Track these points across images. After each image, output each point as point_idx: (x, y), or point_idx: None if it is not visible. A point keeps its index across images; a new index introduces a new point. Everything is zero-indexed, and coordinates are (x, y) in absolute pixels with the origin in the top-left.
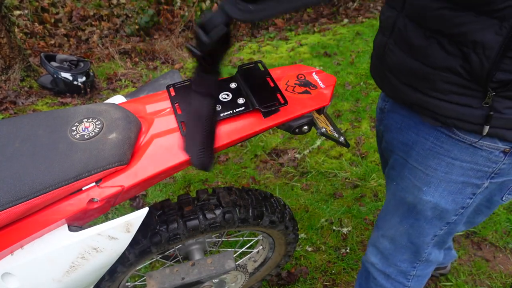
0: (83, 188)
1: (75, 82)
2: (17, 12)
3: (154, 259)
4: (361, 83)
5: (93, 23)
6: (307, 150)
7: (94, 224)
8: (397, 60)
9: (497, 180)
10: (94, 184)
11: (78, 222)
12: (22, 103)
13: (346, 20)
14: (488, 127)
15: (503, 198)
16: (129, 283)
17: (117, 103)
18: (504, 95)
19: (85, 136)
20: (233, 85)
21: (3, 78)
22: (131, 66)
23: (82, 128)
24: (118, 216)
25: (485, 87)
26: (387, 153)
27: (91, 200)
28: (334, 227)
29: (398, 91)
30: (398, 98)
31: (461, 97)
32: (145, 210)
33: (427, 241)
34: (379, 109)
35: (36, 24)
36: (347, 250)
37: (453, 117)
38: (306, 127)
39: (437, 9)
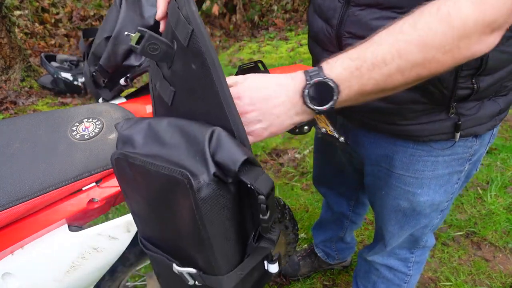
0: (83, 188)
1: (75, 82)
2: (17, 12)
3: None
4: None
5: (93, 23)
6: (307, 150)
7: (94, 224)
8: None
9: (473, 160)
10: (94, 184)
11: (78, 222)
12: (23, 103)
13: None
14: (459, 133)
15: (477, 169)
16: (129, 283)
17: (117, 103)
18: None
19: (85, 136)
20: None
21: (3, 78)
22: None
23: (82, 128)
24: (118, 216)
25: (447, 105)
26: (359, 163)
27: (91, 200)
28: None
29: (367, 125)
30: (368, 128)
31: (429, 116)
32: None
33: (426, 231)
34: (339, 125)
35: (37, 24)
36: None
37: (427, 134)
38: (306, 127)
39: None
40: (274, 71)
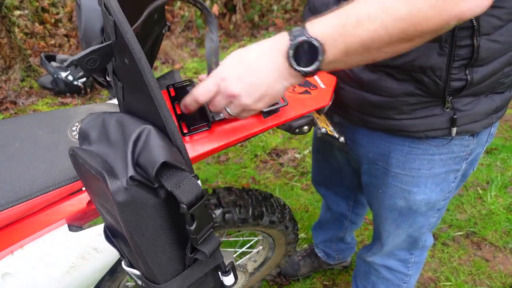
0: (83, 188)
1: (75, 82)
2: (17, 12)
3: None
4: None
5: None
6: (307, 150)
7: (94, 224)
8: (352, 97)
9: (470, 159)
10: None
11: (78, 222)
12: (23, 103)
13: None
14: (455, 128)
15: (474, 169)
16: (129, 283)
17: (117, 103)
18: (460, 96)
19: None
20: None
21: (3, 78)
22: None
23: None
24: None
25: (443, 98)
26: (356, 163)
27: (91, 201)
28: None
29: (363, 121)
30: (365, 125)
31: (424, 110)
32: None
33: (424, 231)
34: (335, 123)
35: (36, 24)
36: None
37: (423, 130)
38: (306, 127)
39: None
40: None
